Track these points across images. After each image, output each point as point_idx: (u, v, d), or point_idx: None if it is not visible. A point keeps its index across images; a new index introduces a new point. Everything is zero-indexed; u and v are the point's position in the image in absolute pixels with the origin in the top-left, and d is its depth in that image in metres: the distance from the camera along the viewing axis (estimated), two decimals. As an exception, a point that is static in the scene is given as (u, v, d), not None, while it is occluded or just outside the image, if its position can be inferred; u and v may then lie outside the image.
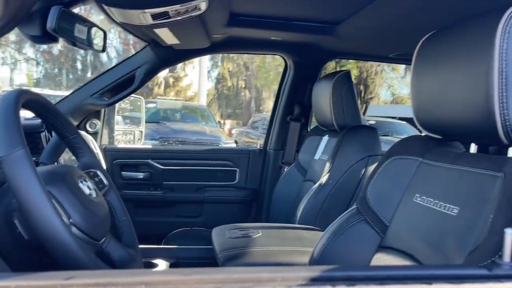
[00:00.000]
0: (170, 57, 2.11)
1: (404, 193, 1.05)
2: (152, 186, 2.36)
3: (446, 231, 0.87)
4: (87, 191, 0.86)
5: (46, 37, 1.25)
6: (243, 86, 19.71)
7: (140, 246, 1.76)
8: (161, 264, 1.57)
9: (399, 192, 1.07)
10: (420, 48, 1.00)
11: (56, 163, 1.29)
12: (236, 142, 9.75)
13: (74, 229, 0.78)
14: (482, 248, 0.71)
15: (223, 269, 0.47)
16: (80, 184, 0.85)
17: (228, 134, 11.70)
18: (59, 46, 16.12)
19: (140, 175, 2.34)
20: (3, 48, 18.60)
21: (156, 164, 2.35)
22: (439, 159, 0.99)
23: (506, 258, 0.51)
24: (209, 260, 1.47)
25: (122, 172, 2.33)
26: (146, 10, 1.33)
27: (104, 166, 2.17)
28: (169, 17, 1.44)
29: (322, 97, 1.94)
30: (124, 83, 2.11)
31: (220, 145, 7.30)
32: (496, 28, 0.76)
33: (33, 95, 0.84)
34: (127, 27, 1.68)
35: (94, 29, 1.45)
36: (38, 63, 19.05)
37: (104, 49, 1.52)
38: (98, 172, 1.04)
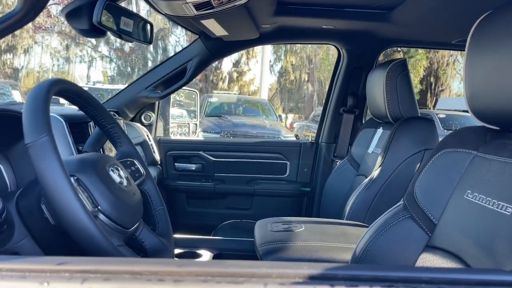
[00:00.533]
0: (220, 49, 2.12)
1: (455, 189, 0.96)
2: (203, 177, 2.39)
3: (498, 232, 0.78)
4: (117, 179, 0.87)
5: (93, 31, 1.29)
6: (306, 79, 19.49)
7: (187, 236, 1.79)
8: (205, 254, 1.58)
9: (449, 188, 0.97)
10: (475, 29, 0.90)
11: (102, 152, 1.33)
12: (296, 136, 9.69)
13: (101, 216, 0.79)
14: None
15: (218, 262, 0.44)
16: (111, 172, 0.87)
17: (289, 128, 11.66)
18: (130, 44, 16.95)
19: (193, 166, 2.38)
20: (81, 47, 19.95)
21: (208, 156, 2.37)
22: (496, 153, 0.88)
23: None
24: (251, 252, 1.45)
25: (176, 164, 2.38)
26: (188, 0, 1.33)
27: (158, 157, 2.23)
28: (213, 7, 1.44)
29: (376, 87, 1.84)
30: (176, 76, 2.15)
31: (279, 139, 7.29)
32: None
33: (68, 84, 0.86)
34: (176, 20, 1.70)
35: (141, 22, 1.48)
36: (111, 60, 20.20)
37: (150, 42, 1.54)
38: (135, 161, 1.06)
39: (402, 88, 1.74)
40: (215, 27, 1.76)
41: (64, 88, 0.84)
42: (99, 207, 0.79)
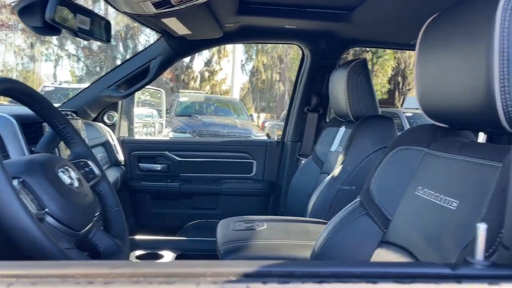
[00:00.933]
0: (184, 48, 2.10)
1: (408, 186, 0.99)
2: (169, 178, 2.36)
3: (444, 226, 0.81)
4: (67, 181, 0.85)
5: (47, 28, 1.25)
6: (278, 79, 19.58)
7: (149, 237, 1.77)
8: (168, 255, 1.56)
9: (403, 185, 1.00)
10: (424, 31, 0.93)
11: (58, 153, 1.30)
12: (268, 135, 9.72)
13: (49, 219, 0.77)
14: (472, 244, 0.64)
15: (152, 262, 0.44)
16: (60, 174, 0.84)
17: (260, 128, 11.68)
18: (98, 42, 16.54)
19: (158, 166, 2.34)
20: (47, 45, 19.35)
21: (173, 156, 2.35)
22: (444, 150, 0.91)
23: (478, 256, 0.45)
24: (215, 252, 1.45)
25: (140, 164, 2.35)
26: (146, -2, 1.31)
27: (122, 158, 2.19)
28: (172, 6, 1.42)
29: (338, 86, 1.87)
30: (139, 75, 2.12)
31: (250, 138, 7.29)
32: (497, 4, 0.68)
33: (13, 83, 0.84)
34: (136, 18, 1.68)
35: (98, 20, 1.44)
36: (79, 59, 19.68)
37: (108, 40, 1.51)
38: (89, 162, 1.03)
39: (363, 87, 1.78)
40: (177, 26, 1.74)
41: (8, 87, 0.81)
42: (46, 210, 0.77)
